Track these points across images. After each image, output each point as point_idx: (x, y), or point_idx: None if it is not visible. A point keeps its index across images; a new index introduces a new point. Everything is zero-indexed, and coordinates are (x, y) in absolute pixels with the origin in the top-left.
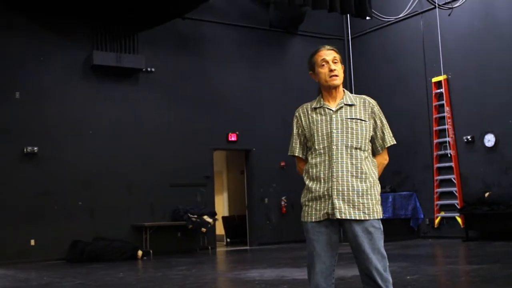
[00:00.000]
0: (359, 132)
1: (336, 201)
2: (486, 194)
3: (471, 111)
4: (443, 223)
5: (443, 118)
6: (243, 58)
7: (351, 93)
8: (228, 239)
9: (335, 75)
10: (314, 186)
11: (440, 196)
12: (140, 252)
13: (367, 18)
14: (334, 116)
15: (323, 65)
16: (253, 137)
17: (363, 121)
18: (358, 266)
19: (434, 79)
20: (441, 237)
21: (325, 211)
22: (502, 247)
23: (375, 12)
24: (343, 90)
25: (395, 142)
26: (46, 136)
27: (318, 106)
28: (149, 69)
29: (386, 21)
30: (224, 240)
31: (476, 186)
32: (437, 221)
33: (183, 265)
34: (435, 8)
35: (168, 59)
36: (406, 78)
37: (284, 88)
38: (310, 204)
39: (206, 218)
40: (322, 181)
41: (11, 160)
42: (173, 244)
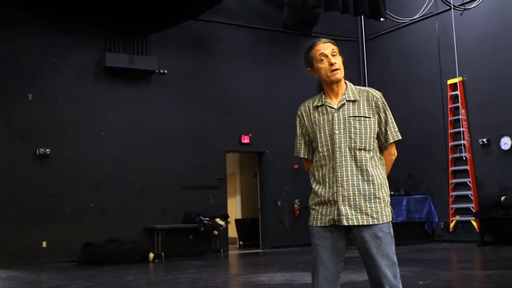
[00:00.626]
0: (363, 131)
1: (342, 207)
2: (502, 198)
3: (487, 114)
4: (458, 227)
5: (458, 121)
6: (257, 60)
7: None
8: (241, 242)
9: (337, 69)
10: (320, 191)
11: (455, 199)
12: (151, 255)
13: (381, 19)
14: (336, 115)
15: (322, 59)
16: (266, 139)
17: (367, 118)
18: (367, 272)
19: (450, 81)
20: (456, 241)
21: (331, 216)
22: None
23: (390, 13)
24: (345, 83)
25: (400, 138)
26: (58, 138)
27: (319, 104)
28: (161, 71)
29: (401, 23)
30: (237, 243)
31: (492, 189)
32: (452, 225)
33: (194, 268)
34: (450, 9)
35: (181, 61)
36: (421, 80)
37: (298, 89)
38: (316, 208)
39: (218, 220)
40: (328, 185)
41: (24, 161)
42: (185, 246)
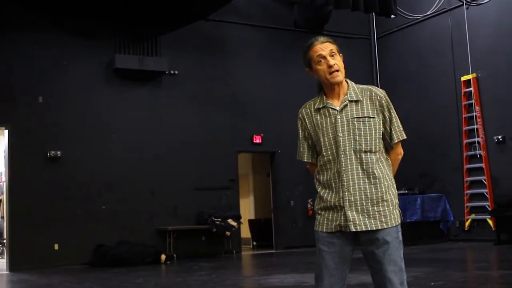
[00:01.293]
0: (367, 132)
1: (349, 212)
2: None
3: (502, 110)
4: (474, 225)
5: (472, 118)
6: (268, 59)
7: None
8: (255, 243)
9: (336, 71)
10: (326, 196)
11: (470, 198)
12: (163, 256)
13: (392, 16)
14: (339, 116)
15: (320, 61)
16: (278, 139)
17: (371, 119)
18: (372, 276)
19: (463, 78)
20: (472, 240)
21: (338, 222)
22: None
23: (402, 10)
24: (347, 82)
25: (405, 137)
26: (69, 140)
27: (321, 106)
28: (172, 72)
29: (413, 19)
30: (251, 243)
31: (508, 187)
32: (467, 223)
33: (205, 270)
34: (463, 5)
35: (191, 61)
36: (434, 77)
37: (310, 89)
38: (322, 213)
39: (230, 221)
40: (334, 190)
41: (35, 164)
42: (197, 248)
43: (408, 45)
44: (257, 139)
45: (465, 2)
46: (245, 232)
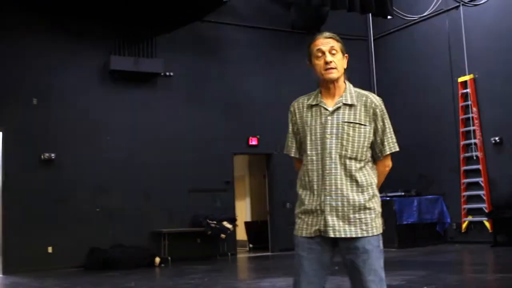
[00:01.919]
0: (356, 139)
1: (329, 217)
2: None
3: (499, 112)
4: (471, 227)
5: (470, 119)
6: (264, 61)
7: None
8: (251, 245)
9: (332, 68)
10: (307, 198)
11: (467, 199)
12: (157, 259)
13: (388, 17)
14: (329, 118)
15: (319, 56)
16: (274, 140)
17: (362, 126)
18: (352, 286)
19: (460, 79)
20: (469, 242)
21: (317, 227)
22: None
23: (398, 11)
24: (345, 83)
25: (398, 149)
26: (63, 142)
27: (314, 103)
28: (167, 73)
29: (410, 20)
30: (247, 245)
31: (505, 189)
32: (464, 225)
33: (198, 273)
34: (459, 6)
35: (187, 63)
36: (431, 78)
37: (306, 90)
38: (302, 217)
39: (225, 224)
40: (315, 193)
41: (29, 166)
42: (192, 250)
43: (405, 46)
44: (253, 141)
45: (461, 3)
46: (241, 235)
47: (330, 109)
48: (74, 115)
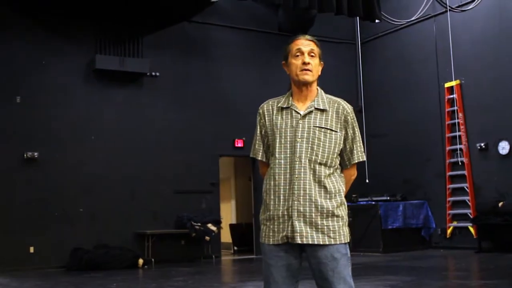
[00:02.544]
0: (327, 145)
1: (296, 223)
2: (500, 204)
3: (485, 118)
4: (456, 233)
5: (455, 125)
6: (251, 63)
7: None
8: (235, 247)
9: (308, 70)
10: (273, 203)
11: (452, 205)
12: (140, 261)
13: (376, 21)
14: (300, 122)
15: (297, 55)
16: None
17: (333, 132)
18: None
19: (447, 84)
20: (454, 248)
21: (284, 233)
22: None
23: (386, 15)
24: (317, 89)
25: (365, 159)
26: (47, 141)
27: (285, 106)
28: (153, 74)
29: (398, 25)
30: (231, 248)
31: (490, 195)
32: (449, 231)
33: (182, 275)
34: (447, 11)
35: (173, 63)
36: (418, 83)
37: None
38: (267, 224)
39: (210, 226)
40: (282, 198)
41: (11, 165)
42: (176, 252)
43: (393, 51)
44: (239, 143)
45: (449, 8)
46: (226, 237)
47: (301, 112)
48: (58, 114)
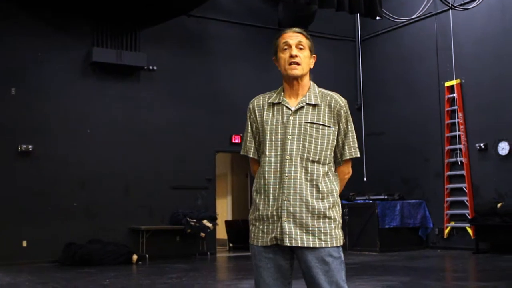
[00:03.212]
0: (319, 141)
1: (286, 224)
2: (499, 205)
3: (485, 118)
4: (453, 233)
5: (455, 124)
6: (249, 58)
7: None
8: (231, 244)
9: (295, 63)
10: (262, 203)
11: (450, 205)
12: (135, 257)
13: (377, 18)
14: (291, 118)
15: (285, 49)
16: None
17: (326, 127)
18: None
19: (447, 83)
20: (451, 248)
21: (273, 235)
22: None
23: (387, 13)
24: (310, 83)
25: (358, 155)
26: (42, 134)
27: (276, 101)
28: (150, 67)
29: (399, 23)
30: (227, 244)
31: (488, 196)
32: (446, 231)
33: (176, 272)
34: (449, 9)
35: (171, 57)
36: (418, 81)
37: None
38: (257, 224)
39: (205, 222)
40: (271, 197)
41: (5, 158)
42: (171, 248)
43: (393, 48)
44: (236, 139)
45: (451, 7)
46: (222, 233)
47: (292, 108)
48: (53, 107)
